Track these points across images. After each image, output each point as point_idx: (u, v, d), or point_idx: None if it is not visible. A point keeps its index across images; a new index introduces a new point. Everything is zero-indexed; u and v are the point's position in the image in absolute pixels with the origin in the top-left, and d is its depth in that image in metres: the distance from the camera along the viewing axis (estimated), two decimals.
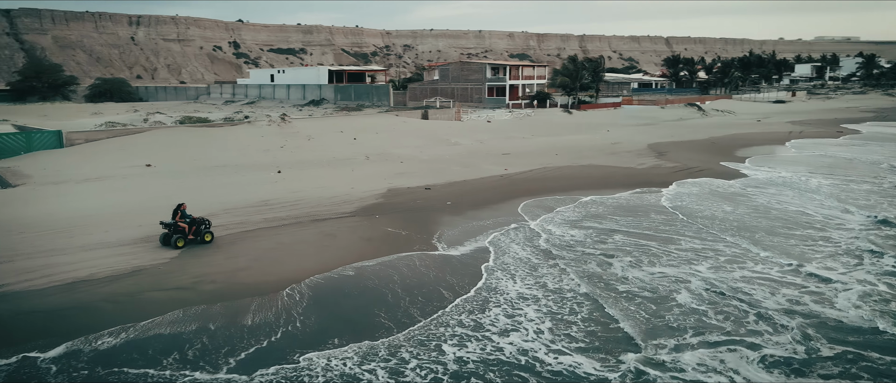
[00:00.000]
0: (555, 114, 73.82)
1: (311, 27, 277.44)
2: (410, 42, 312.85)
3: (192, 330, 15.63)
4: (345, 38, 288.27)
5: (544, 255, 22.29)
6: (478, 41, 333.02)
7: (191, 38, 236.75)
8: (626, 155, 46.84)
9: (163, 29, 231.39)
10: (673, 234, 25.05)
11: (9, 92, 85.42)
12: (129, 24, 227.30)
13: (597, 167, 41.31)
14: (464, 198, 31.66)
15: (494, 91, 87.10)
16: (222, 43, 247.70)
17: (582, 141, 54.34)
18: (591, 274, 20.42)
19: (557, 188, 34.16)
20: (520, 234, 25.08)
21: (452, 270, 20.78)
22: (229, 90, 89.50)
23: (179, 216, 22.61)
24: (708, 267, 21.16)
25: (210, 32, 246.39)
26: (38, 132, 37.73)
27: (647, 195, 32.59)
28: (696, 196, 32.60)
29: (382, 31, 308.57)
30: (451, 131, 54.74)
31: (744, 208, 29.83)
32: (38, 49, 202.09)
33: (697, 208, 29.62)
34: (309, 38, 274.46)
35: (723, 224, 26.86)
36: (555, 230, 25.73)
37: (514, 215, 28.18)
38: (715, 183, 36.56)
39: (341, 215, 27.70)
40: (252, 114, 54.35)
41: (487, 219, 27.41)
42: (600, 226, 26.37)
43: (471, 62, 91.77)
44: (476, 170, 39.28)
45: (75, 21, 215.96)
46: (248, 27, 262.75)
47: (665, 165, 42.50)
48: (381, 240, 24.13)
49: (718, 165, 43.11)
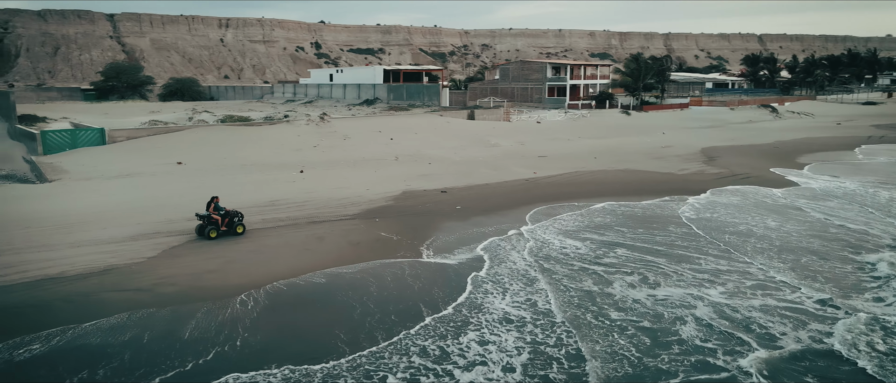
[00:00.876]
0: (612, 115, 70.88)
1: (390, 27, 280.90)
2: (488, 41, 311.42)
3: (122, 341, 15.05)
4: (423, 38, 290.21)
5: (541, 270, 20.55)
6: (557, 40, 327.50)
7: (275, 40, 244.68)
8: (673, 159, 44.08)
9: (249, 31, 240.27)
10: (692, 251, 22.61)
11: (93, 91, 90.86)
12: (219, 26, 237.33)
13: (633, 172, 38.98)
14: (476, 203, 30.43)
15: (555, 91, 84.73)
16: (304, 44, 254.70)
17: (630, 144, 51.69)
18: (584, 293, 18.43)
19: (580, 194, 32.31)
20: (517, 244, 23.59)
21: (436, 281, 19.58)
22: (291, 89, 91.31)
23: (213, 208, 23.68)
24: (722, 292, 18.66)
25: (293, 33, 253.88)
26: (83, 130, 39.31)
27: (673, 203, 30.26)
28: (731, 207, 29.93)
29: (460, 31, 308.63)
30: (493, 132, 53.33)
31: (793, 223, 26.90)
32: (137, 51, 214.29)
33: (729, 221, 26.97)
34: (387, 38, 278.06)
35: (759, 242, 23.98)
36: (555, 241, 24.04)
37: (519, 222, 26.69)
38: (758, 191, 33.63)
39: (342, 217, 27.10)
40: (292, 114, 54.82)
41: (490, 226, 26.12)
42: (608, 238, 24.41)
43: (531, 61, 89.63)
44: (504, 173, 37.88)
45: (171, 24, 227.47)
46: (329, 28, 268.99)
47: (709, 171, 39.62)
48: (368, 244, 23.32)
49: (768, 172, 39.84)
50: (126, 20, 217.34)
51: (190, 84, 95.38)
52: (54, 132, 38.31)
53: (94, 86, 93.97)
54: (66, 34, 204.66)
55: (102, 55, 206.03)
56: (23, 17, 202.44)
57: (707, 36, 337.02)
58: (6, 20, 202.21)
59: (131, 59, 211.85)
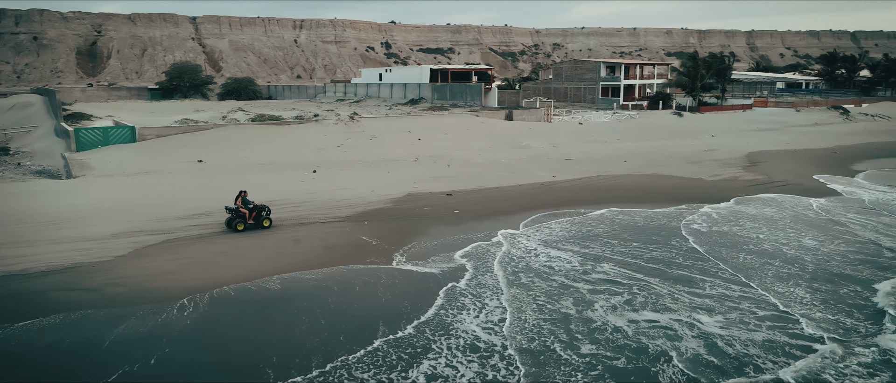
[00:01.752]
0: (663, 117, 67.62)
1: (460, 27, 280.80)
2: (560, 40, 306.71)
3: (41, 345, 14.63)
4: (493, 37, 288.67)
5: (519, 286, 18.81)
6: (632, 39, 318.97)
7: (346, 40, 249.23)
8: (710, 164, 41.31)
9: (322, 31, 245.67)
10: (694, 272, 20.11)
11: (159, 90, 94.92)
12: (293, 27, 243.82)
13: (659, 177, 36.69)
14: (478, 207, 29.25)
15: (609, 91, 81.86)
16: (375, 44, 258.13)
17: (671, 147, 48.94)
18: (559, 317, 16.44)
19: (591, 200, 30.52)
20: (501, 254, 22.27)
21: (405, 292, 18.37)
22: (342, 89, 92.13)
23: (240, 202, 24.46)
24: (718, 322, 16.63)
25: (364, 34, 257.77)
26: (114, 128, 40.58)
27: (688, 213, 28.02)
28: (751, 218, 27.40)
29: (531, 30, 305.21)
30: (527, 133, 51.70)
31: (814, 238, 24.44)
32: (216, 52, 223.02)
33: (743, 236, 24.41)
34: (457, 38, 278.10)
35: (771, 261, 21.34)
36: (544, 251, 22.51)
37: (512, 229, 25.35)
38: (791, 201, 30.79)
39: (332, 220, 26.53)
40: (323, 114, 54.89)
41: (480, 232, 24.86)
42: (602, 252, 22.64)
43: (584, 61, 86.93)
44: (521, 177, 36.44)
45: (248, 25, 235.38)
46: (400, 28, 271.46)
47: (743, 177, 36.81)
48: (343, 248, 22.59)
49: (809, 179, 36.64)
50: (207, 22, 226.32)
51: (246, 84, 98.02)
52: (87, 130, 39.72)
53: (159, 85, 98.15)
54: (153, 36, 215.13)
55: (184, 56, 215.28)
56: (114, 20, 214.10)
57: (794, 33, 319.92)
58: (100, 24, 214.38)
59: (210, 59, 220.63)
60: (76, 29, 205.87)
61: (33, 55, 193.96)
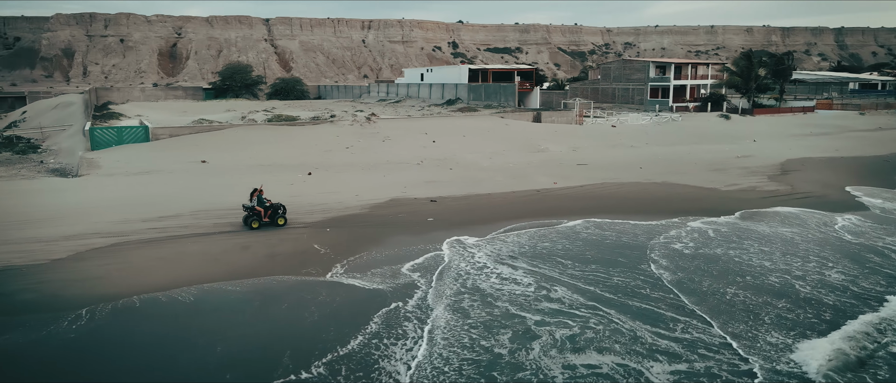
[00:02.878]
0: (708, 119, 63.50)
1: (528, 26, 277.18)
2: (632, 39, 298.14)
3: None
4: (562, 37, 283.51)
5: (459, 312, 17.00)
6: (709, 37, 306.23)
7: (413, 40, 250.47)
8: (735, 172, 38.09)
9: (389, 32, 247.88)
10: (664, 308, 17.41)
11: (212, 89, 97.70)
12: (362, 28, 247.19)
13: (668, 185, 34.00)
14: (456, 215, 27.76)
15: (659, 92, 77.98)
16: (442, 43, 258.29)
17: (700, 152, 45.67)
18: (492, 358, 14.27)
19: (579, 209, 28.42)
20: (451, 271, 20.75)
21: (336, 312, 16.77)
22: (385, 89, 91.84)
23: (256, 200, 24.75)
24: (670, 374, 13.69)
25: (431, 33, 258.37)
26: (128, 128, 41.38)
27: (674, 229, 25.58)
28: (750, 236, 24.76)
29: (602, 29, 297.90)
30: (550, 136, 49.49)
31: (852, 269, 21.50)
32: (287, 52, 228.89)
33: (739, 262, 21.77)
34: (525, 37, 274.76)
35: (761, 296, 18.29)
36: (496, 270, 20.70)
37: (480, 239, 23.80)
38: (808, 216, 27.69)
39: (297, 225, 25.71)
40: (338, 114, 54.32)
41: (441, 243, 23.35)
42: (562, 273, 20.89)
43: (633, 60, 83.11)
44: (520, 183, 34.59)
45: (318, 27, 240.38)
46: (467, 28, 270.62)
47: (764, 187, 33.61)
48: (287, 257, 21.64)
49: (841, 191, 33.04)
50: (279, 24, 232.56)
51: (293, 84, 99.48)
52: (102, 129, 40.66)
53: (212, 85, 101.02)
54: (228, 38, 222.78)
55: (257, 57, 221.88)
56: (193, 22, 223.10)
57: (888, 30, 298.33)
58: (180, 26, 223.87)
59: (281, 60, 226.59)
60: (159, 31, 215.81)
61: (119, 56, 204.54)
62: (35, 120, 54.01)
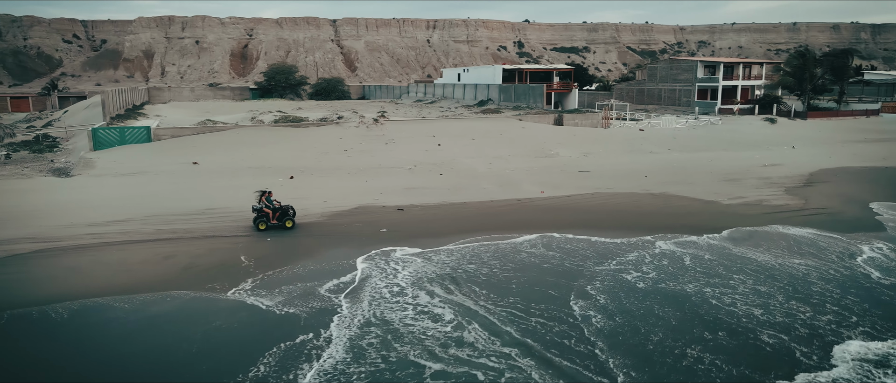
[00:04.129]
0: (751, 123, 58.62)
1: (597, 25, 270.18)
2: (707, 38, 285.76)
3: None
4: (632, 36, 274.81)
5: (353, 353, 15.60)
6: (790, 35, 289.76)
7: (478, 39, 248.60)
8: (751, 182, 34.43)
9: (454, 31, 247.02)
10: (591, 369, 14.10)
11: (257, 89, 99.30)
12: (427, 27, 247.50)
13: (664, 197, 30.89)
14: (414, 227, 25.93)
15: (708, 93, 73.19)
16: (507, 43, 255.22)
17: (723, 159, 41.85)
18: None
19: (552, 223, 25.91)
20: (369, 294, 19.09)
21: (215, 349, 14.91)
22: (422, 89, 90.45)
23: (264, 202, 24.71)
24: None
25: (497, 33, 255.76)
26: (130, 128, 41.71)
27: (643, 249, 22.83)
28: (730, 260, 21.75)
29: (675, 27, 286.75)
30: (566, 140, 46.67)
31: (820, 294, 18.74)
32: (353, 52, 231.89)
33: (700, 302, 18.41)
34: (593, 36, 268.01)
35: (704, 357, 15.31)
36: (415, 297, 18.75)
37: (417, 257, 21.99)
38: (811, 237, 24.29)
39: (239, 233, 24.59)
40: (346, 115, 53.09)
41: (376, 260, 21.74)
42: (482, 305, 18.82)
43: (681, 60, 78.26)
44: (506, 191, 32.34)
45: (384, 27, 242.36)
46: (533, 27, 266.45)
47: (773, 202, 30.00)
48: (203, 269, 20.37)
49: (862, 208, 29.06)
50: (345, 24, 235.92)
51: (335, 84, 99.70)
52: (105, 129, 41.12)
53: (258, 85, 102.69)
54: (296, 39, 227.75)
55: (323, 57, 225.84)
56: (264, 24, 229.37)
57: None
58: (252, 28, 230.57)
59: (347, 60, 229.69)
60: (231, 33, 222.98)
61: (195, 58, 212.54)
62: (69, 119, 55.82)
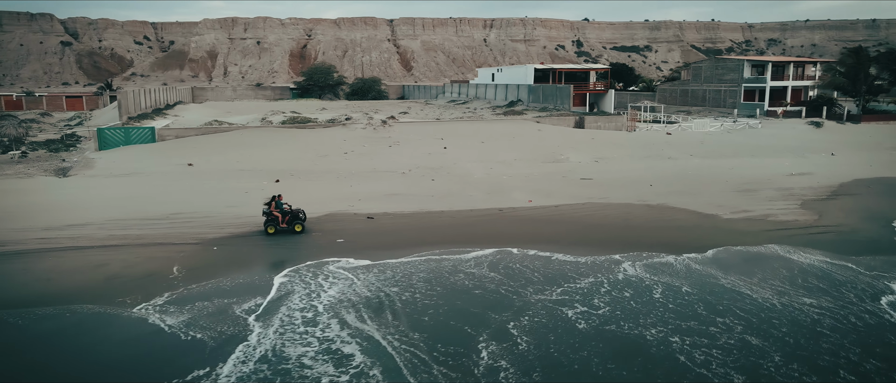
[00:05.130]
0: (793, 127, 53.97)
1: (659, 23, 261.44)
2: (777, 35, 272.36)
3: None
4: (696, 34, 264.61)
5: None
6: (869, 33, 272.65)
7: (535, 39, 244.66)
8: (764, 194, 31.12)
9: (512, 30, 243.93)
10: None
11: (297, 90, 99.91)
12: (484, 27, 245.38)
13: (659, 209, 28.16)
14: (375, 238, 24.33)
15: (755, 94, 68.49)
16: (565, 42, 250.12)
17: (744, 167, 38.30)
18: None
19: (513, 236, 23.88)
20: (282, 318, 17.64)
21: (105, 368, 13.96)
22: (457, 89, 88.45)
23: (274, 205, 24.28)
24: None
25: (555, 32, 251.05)
26: (135, 128, 41.81)
27: (609, 272, 20.48)
28: (714, 296, 19.25)
29: (743, 25, 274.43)
30: (580, 144, 43.95)
31: None
32: (409, 52, 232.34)
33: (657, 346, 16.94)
34: (655, 35, 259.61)
35: None
36: (319, 334, 17.29)
37: (352, 274, 20.44)
38: (813, 265, 21.31)
39: (196, 240, 23.50)
40: (355, 116, 51.78)
41: (315, 274, 20.35)
42: (395, 344, 17.10)
43: (727, 59, 73.52)
44: (493, 199, 30.31)
45: (440, 26, 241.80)
46: (593, 25, 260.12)
47: (780, 217, 26.81)
48: (129, 279, 19.37)
49: (884, 227, 25.59)
50: (402, 24, 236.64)
51: (372, 84, 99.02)
52: (110, 130, 41.36)
53: (297, 85, 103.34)
54: (354, 39, 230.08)
55: (380, 57, 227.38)
56: (323, 24, 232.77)
57: None
58: (311, 28, 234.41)
59: (403, 59, 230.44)
60: (291, 33, 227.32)
61: (255, 58, 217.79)
62: (98, 118, 57.09)
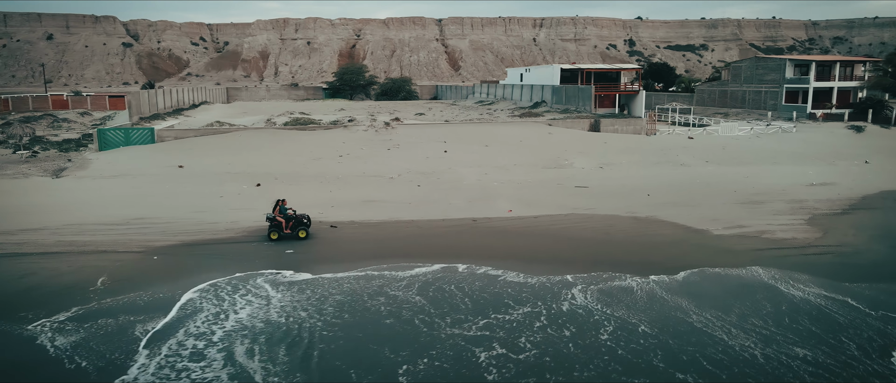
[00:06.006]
0: (831, 132, 49.54)
1: (717, 21, 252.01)
2: (843, 33, 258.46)
3: None
4: (756, 32, 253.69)
5: None
6: None
7: (586, 38, 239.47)
8: (769, 207, 28.13)
9: (562, 29, 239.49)
10: None
11: (328, 89, 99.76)
12: (533, 26, 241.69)
13: (646, 222, 25.64)
14: (331, 248, 23.01)
15: (799, 95, 63.90)
16: (617, 41, 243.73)
17: (758, 177, 34.98)
18: None
19: (475, 250, 22.04)
20: (181, 337, 16.43)
21: None
22: (486, 90, 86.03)
23: (277, 210, 23.65)
24: None
25: (606, 31, 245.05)
26: (135, 129, 41.65)
27: (534, 302, 18.44)
28: (676, 331, 17.04)
29: (806, 22, 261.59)
30: (589, 149, 41.34)
31: None
32: (457, 51, 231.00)
33: None
34: (712, 33, 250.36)
35: None
36: (196, 370, 16.09)
37: (299, 285, 19.02)
38: (809, 299, 18.77)
39: (143, 249, 22.56)
40: (358, 118, 50.31)
41: (246, 290, 19.08)
42: None
43: (767, 58, 68.72)
44: (471, 208, 28.40)
45: (489, 26, 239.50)
46: (646, 24, 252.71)
47: (774, 235, 23.93)
48: (45, 291, 18.45)
49: None
50: (451, 24, 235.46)
51: (402, 84, 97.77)
52: (111, 130, 41.31)
53: (329, 85, 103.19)
54: (402, 39, 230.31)
55: (427, 56, 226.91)
56: (372, 24, 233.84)
57: None
58: (360, 28, 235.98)
59: (451, 59, 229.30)
60: (340, 33, 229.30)
61: (305, 58, 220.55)
62: (119, 118, 57.80)
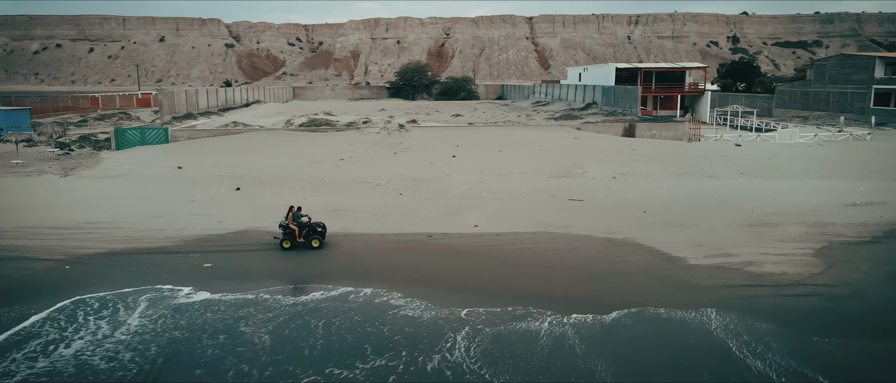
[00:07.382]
0: None
1: (832, 15, 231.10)
2: None
3: None
4: (878, 27, 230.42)
5: None
6: None
7: (685, 35, 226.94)
8: (779, 232, 23.54)
9: (658, 26, 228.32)
10: None
11: (391, 89, 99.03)
12: (628, 23, 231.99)
13: (619, 246, 22.02)
14: (254, 263, 21.47)
15: (891, 98, 55.98)
16: (719, 38, 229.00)
17: (789, 194, 29.88)
18: None
19: (409, 273, 19.71)
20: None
21: None
22: (544, 90, 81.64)
23: (291, 217, 22.38)
24: None
25: (708, 28, 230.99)
26: (150, 129, 42.01)
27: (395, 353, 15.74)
28: None
29: None
30: (612, 157, 37.18)
31: None
32: (547, 50, 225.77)
33: None
34: (827, 29, 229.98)
35: None
36: None
37: (178, 307, 17.54)
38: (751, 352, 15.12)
39: (59, 256, 21.79)
40: (373, 120, 48.06)
41: (102, 307, 17.80)
42: None
43: (855, 55, 60.46)
44: (438, 222, 25.90)
45: (581, 23, 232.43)
46: (752, 20, 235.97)
47: (760, 269, 19.62)
48: None
49: None
50: (541, 22, 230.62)
51: (462, 83, 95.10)
52: (128, 130, 41.90)
53: (391, 85, 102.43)
54: (491, 37, 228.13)
55: (517, 55, 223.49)
56: (461, 23, 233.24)
57: None
58: (449, 27, 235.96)
59: (541, 57, 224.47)
60: (430, 32, 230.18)
61: (394, 57, 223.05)
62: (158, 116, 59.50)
